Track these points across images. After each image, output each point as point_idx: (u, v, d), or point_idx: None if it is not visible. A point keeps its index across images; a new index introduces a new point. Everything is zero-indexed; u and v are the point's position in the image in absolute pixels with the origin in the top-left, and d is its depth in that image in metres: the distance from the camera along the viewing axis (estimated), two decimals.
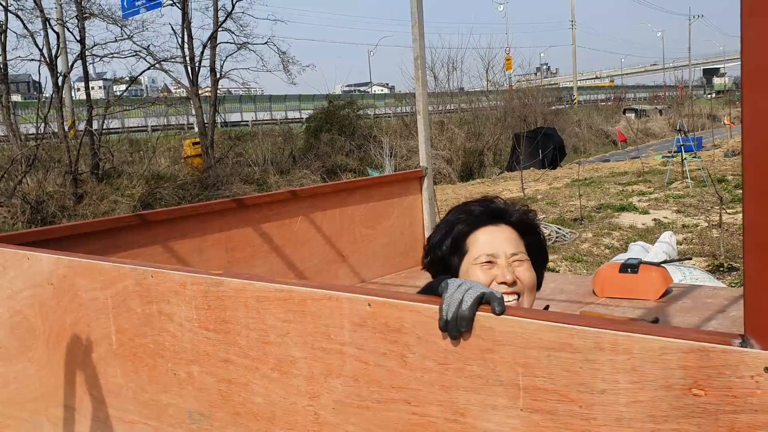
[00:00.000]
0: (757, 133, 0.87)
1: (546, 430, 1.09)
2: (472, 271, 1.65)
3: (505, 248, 1.66)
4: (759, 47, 0.86)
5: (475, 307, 1.17)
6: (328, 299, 1.38)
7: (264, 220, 3.62)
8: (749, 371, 0.90)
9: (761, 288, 0.89)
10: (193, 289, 1.66)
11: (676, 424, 0.97)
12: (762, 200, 0.87)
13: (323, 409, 1.43)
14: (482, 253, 1.66)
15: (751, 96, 0.87)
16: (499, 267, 1.63)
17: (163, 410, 1.83)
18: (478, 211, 1.73)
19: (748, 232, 0.89)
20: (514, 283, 1.61)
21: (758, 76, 0.86)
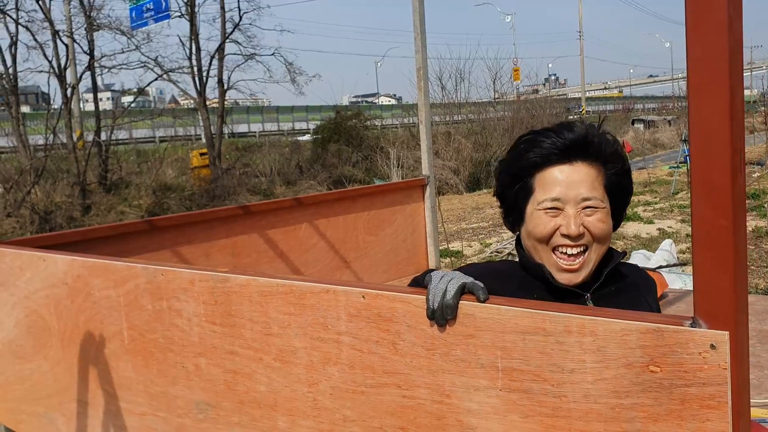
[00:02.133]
0: (701, 136, 0.98)
1: (522, 408, 1.20)
2: (535, 217, 1.46)
3: (577, 192, 1.43)
4: (702, 61, 0.97)
5: (458, 296, 1.25)
6: (326, 292, 1.49)
7: (269, 226, 3.74)
8: (698, 348, 1.00)
9: (708, 275, 0.99)
10: (201, 285, 1.78)
11: (636, 398, 1.07)
12: (707, 195, 0.98)
13: (321, 395, 1.53)
14: (547, 197, 1.45)
15: (695, 103, 0.98)
16: (565, 215, 1.43)
17: (172, 402, 1.94)
18: (548, 144, 1.46)
19: (696, 224, 0.99)
20: (580, 236, 1.42)
21: (702, 88, 0.97)
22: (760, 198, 11.62)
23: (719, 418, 1.00)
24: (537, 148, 1.47)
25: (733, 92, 0.96)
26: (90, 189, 17.44)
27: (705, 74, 0.97)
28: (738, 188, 0.98)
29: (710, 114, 0.97)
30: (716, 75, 0.96)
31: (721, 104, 0.96)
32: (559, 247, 1.45)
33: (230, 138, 26.37)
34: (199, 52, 20.32)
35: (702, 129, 0.97)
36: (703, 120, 0.97)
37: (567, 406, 1.14)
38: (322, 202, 4.06)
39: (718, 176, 0.97)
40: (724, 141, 0.96)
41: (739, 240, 0.99)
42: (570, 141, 1.44)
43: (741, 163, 0.99)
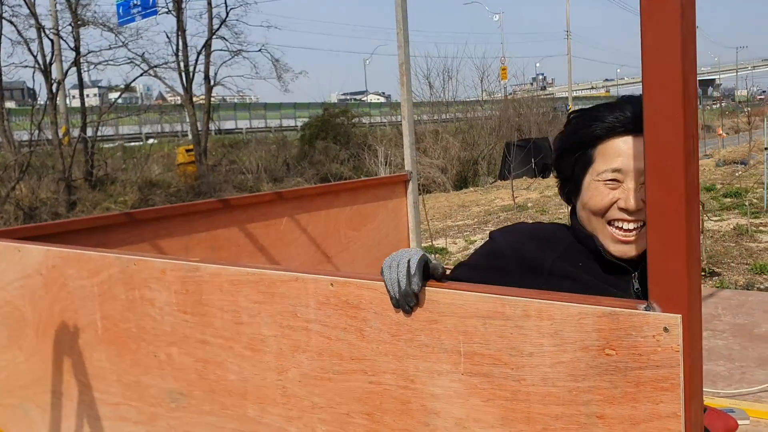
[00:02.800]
0: (655, 122, 0.99)
1: (483, 392, 1.21)
2: (593, 188, 1.41)
3: (639, 164, 1.35)
4: (656, 49, 0.98)
5: (418, 280, 1.24)
6: (295, 281, 1.50)
7: (250, 220, 3.73)
8: (651, 331, 1.02)
9: (661, 259, 1.01)
10: (172, 275, 1.78)
11: (592, 381, 1.09)
12: (660, 181, 1.00)
13: (290, 383, 1.54)
14: (608, 168, 1.39)
15: (649, 91, 0.99)
16: (624, 189, 1.38)
17: (144, 391, 1.94)
18: (609, 120, 1.41)
19: (650, 209, 1.01)
20: (638, 211, 1.36)
21: (655, 75, 0.99)
22: (742, 196, 11.72)
23: (672, 400, 1.02)
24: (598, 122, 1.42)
25: (686, 79, 0.98)
26: (75, 185, 17.35)
27: (658, 61, 0.98)
28: (691, 173, 1.00)
29: (664, 101, 0.98)
30: (669, 62, 0.98)
31: (674, 91, 0.98)
32: (615, 221, 1.40)
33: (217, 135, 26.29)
34: (185, 48, 20.28)
35: (656, 115, 0.99)
36: (657, 106, 0.99)
37: (526, 390, 1.16)
38: (304, 196, 4.06)
39: (671, 162, 0.99)
40: (678, 127, 0.98)
41: (692, 225, 1.01)
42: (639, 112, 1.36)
43: (694, 148, 1.01)
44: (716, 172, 16.94)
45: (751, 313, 3.37)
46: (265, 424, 1.61)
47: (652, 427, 1.04)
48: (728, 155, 19.59)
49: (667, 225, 1.00)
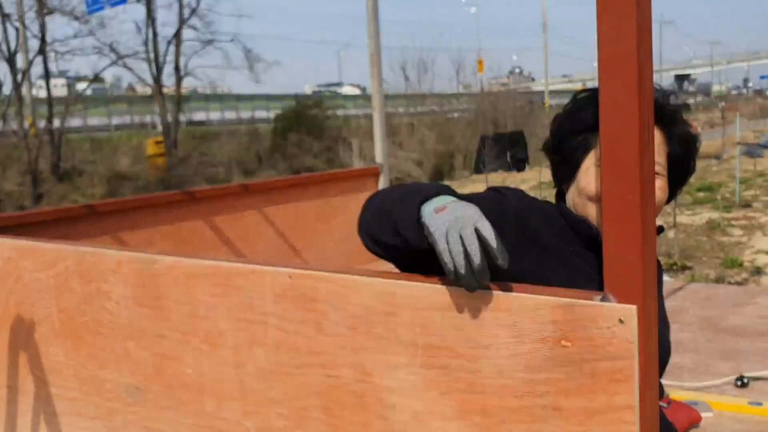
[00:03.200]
0: (610, 112, 0.98)
1: (440, 385, 1.20)
2: (591, 172, 1.38)
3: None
4: (612, 37, 0.97)
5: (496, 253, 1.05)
6: (252, 273, 1.47)
7: (216, 213, 3.68)
8: (606, 322, 1.01)
9: (617, 251, 1.00)
10: (128, 267, 1.74)
11: (548, 373, 1.08)
12: (614, 172, 0.99)
13: (248, 377, 1.51)
14: None
15: (605, 80, 0.98)
16: None
17: (101, 386, 1.90)
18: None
19: (605, 201, 1.00)
20: None
21: (611, 64, 0.98)
22: (715, 191, 11.90)
23: (627, 391, 1.01)
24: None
25: (641, 68, 0.97)
26: (42, 177, 17.04)
27: (614, 50, 0.97)
28: (646, 164, 0.99)
29: (619, 90, 0.97)
30: (625, 51, 0.97)
31: (629, 80, 0.97)
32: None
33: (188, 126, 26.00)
34: (155, 38, 20.01)
35: (611, 105, 0.98)
36: (612, 96, 0.98)
37: (482, 382, 1.15)
38: (272, 189, 4.02)
39: (626, 152, 0.98)
40: (632, 117, 0.97)
41: (647, 215, 1.00)
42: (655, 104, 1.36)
43: (650, 139, 1.00)
44: None
45: (718, 306, 3.41)
46: (223, 419, 1.59)
47: (607, 419, 1.04)
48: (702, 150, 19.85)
49: (621, 216, 0.99)
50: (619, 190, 0.99)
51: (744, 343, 2.89)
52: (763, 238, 8.24)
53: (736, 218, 9.51)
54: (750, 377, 2.43)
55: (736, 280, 6.55)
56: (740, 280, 6.52)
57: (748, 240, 8.17)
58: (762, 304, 3.48)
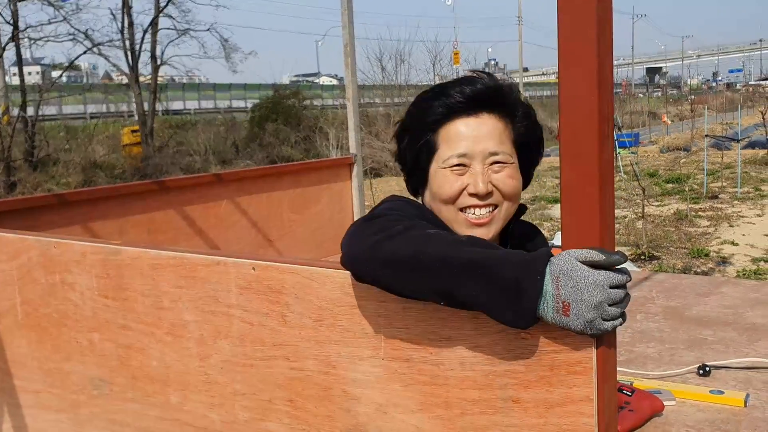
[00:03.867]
0: (570, 104, 0.98)
1: (403, 377, 1.20)
2: (440, 176, 1.35)
3: (484, 147, 1.33)
4: (572, 29, 0.97)
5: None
6: (216, 264, 1.46)
7: (187, 202, 3.65)
8: None
9: (575, 242, 1.00)
10: (92, 258, 1.72)
11: (508, 365, 1.08)
12: (574, 162, 0.99)
13: (212, 369, 1.50)
14: (453, 154, 1.33)
15: (564, 72, 0.98)
16: (472, 173, 1.33)
17: (66, 378, 1.87)
18: (453, 94, 1.35)
19: (564, 192, 1.00)
20: (489, 194, 1.33)
21: (571, 56, 0.98)
22: (683, 182, 12.04)
23: (585, 383, 1.02)
24: (442, 98, 1.36)
25: (601, 60, 0.97)
26: (15, 166, 16.78)
27: (574, 42, 0.97)
28: (605, 156, 0.99)
29: (579, 82, 0.97)
30: (585, 43, 0.96)
31: (589, 72, 0.97)
32: (467, 208, 1.35)
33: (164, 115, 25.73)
34: (131, 26, 19.73)
35: (570, 97, 0.98)
36: (572, 88, 0.98)
37: (444, 374, 1.15)
38: (245, 178, 3.98)
39: (585, 144, 0.98)
40: (592, 109, 0.97)
41: (606, 207, 1.00)
42: (477, 91, 1.35)
43: (609, 131, 1.00)
44: (660, 158, 17.36)
45: (683, 296, 3.45)
46: (187, 412, 1.57)
47: (566, 410, 1.04)
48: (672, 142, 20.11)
49: (580, 208, 0.99)
50: (577, 182, 0.99)
51: (708, 332, 2.93)
52: (729, 229, 8.37)
53: (703, 209, 9.65)
54: (712, 366, 2.46)
55: (703, 269, 6.64)
56: (706, 270, 6.61)
57: (715, 231, 8.29)
58: (727, 293, 3.52)
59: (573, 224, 1.00)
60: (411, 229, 1.09)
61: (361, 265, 1.12)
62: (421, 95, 1.44)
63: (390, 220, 1.13)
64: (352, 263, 1.15)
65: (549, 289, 0.96)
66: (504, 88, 1.39)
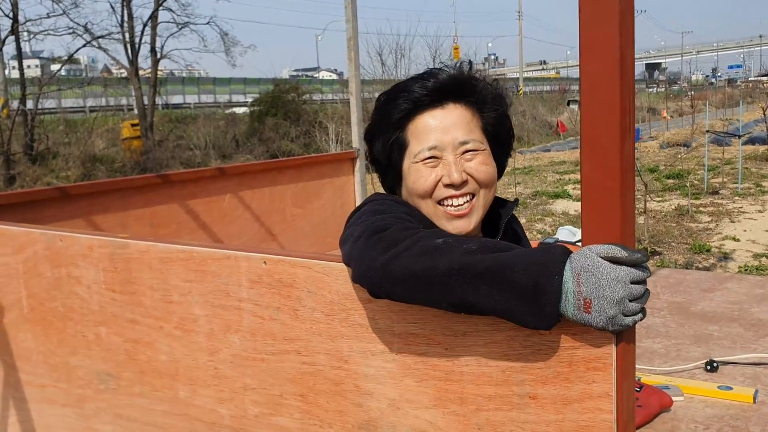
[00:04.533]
0: (591, 96, 0.97)
1: (416, 372, 1.19)
2: (413, 171, 1.34)
3: (453, 137, 1.32)
4: (593, 20, 0.96)
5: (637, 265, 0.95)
6: (227, 258, 1.44)
7: (190, 196, 3.63)
8: None
9: (595, 237, 0.99)
10: (100, 252, 1.70)
11: (525, 361, 1.07)
12: (595, 156, 0.97)
13: (222, 364, 1.49)
14: (423, 147, 1.33)
15: (585, 63, 0.97)
16: (445, 164, 1.32)
17: (72, 372, 1.86)
18: (416, 89, 1.35)
19: (584, 186, 0.99)
20: (464, 183, 1.32)
21: (592, 47, 0.96)
22: (683, 178, 12.03)
23: (604, 380, 1.01)
24: (405, 94, 1.36)
25: (623, 52, 0.96)
26: (15, 159, 16.74)
27: (595, 33, 0.96)
28: (627, 150, 0.98)
29: (600, 74, 0.96)
30: (607, 34, 0.95)
31: (610, 64, 0.95)
32: (444, 200, 1.33)
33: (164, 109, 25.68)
34: (131, 19, 19.65)
35: (591, 89, 0.97)
36: (593, 80, 0.96)
37: (459, 370, 1.14)
38: (247, 172, 3.97)
39: (606, 137, 0.96)
40: (613, 101, 0.96)
41: (627, 202, 0.99)
42: (440, 82, 1.34)
43: (630, 124, 0.99)
44: (660, 153, 17.34)
45: (688, 291, 3.44)
46: (197, 406, 1.56)
47: (584, 407, 1.03)
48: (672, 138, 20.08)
49: (601, 202, 0.98)
50: (598, 177, 0.98)
51: (714, 328, 2.92)
52: (730, 224, 8.36)
53: (704, 205, 9.64)
54: (720, 362, 2.45)
55: (704, 265, 6.64)
56: (708, 266, 6.60)
57: (716, 226, 8.28)
58: (731, 289, 3.51)
59: (593, 219, 0.99)
60: (418, 241, 1.07)
61: (374, 285, 1.11)
62: (384, 94, 1.43)
63: (396, 233, 1.10)
64: (364, 283, 1.13)
65: (570, 287, 0.95)
66: (469, 76, 1.37)
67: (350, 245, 1.15)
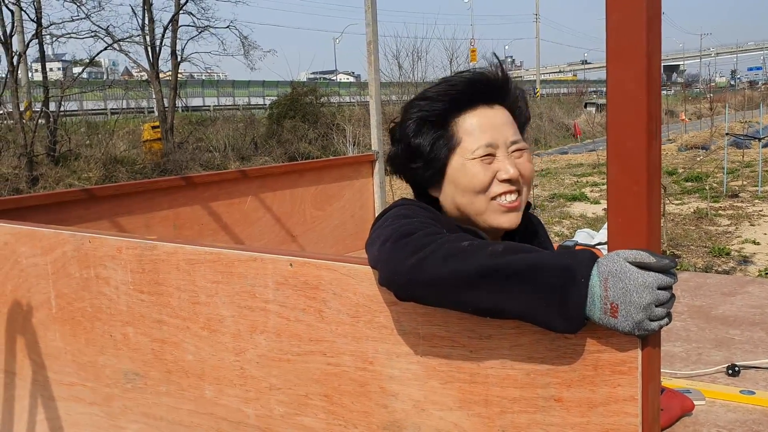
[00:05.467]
0: (618, 102, 0.98)
1: (441, 374, 1.20)
2: (469, 168, 1.35)
3: (506, 135, 1.37)
4: (621, 26, 0.97)
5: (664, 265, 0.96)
6: (254, 260, 1.46)
7: (213, 198, 3.67)
8: None
9: (622, 242, 1.00)
10: (128, 253, 1.73)
11: (550, 364, 1.08)
12: (622, 161, 0.98)
13: (248, 364, 1.51)
14: (481, 144, 1.35)
15: (613, 69, 0.98)
16: (499, 160, 1.36)
17: (100, 371, 1.89)
18: (464, 87, 1.38)
19: (610, 190, 1.00)
20: (517, 179, 1.36)
21: (620, 53, 0.97)
22: (702, 181, 11.93)
23: (629, 383, 1.02)
24: (452, 93, 1.38)
25: (650, 58, 0.96)
26: (38, 161, 16.96)
27: (623, 39, 0.97)
28: (653, 155, 0.99)
29: (627, 80, 0.97)
30: (634, 40, 0.96)
31: (638, 70, 0.96)
32: (498, 196, 1.36)
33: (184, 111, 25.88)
34: (152, 23, 19.84)
35: (618, 95, 0.97)
36: (620, 86, 0.97)
37: (484, 372, 1.15)
38: (268, 175, 4.00)
39: (632, 142, 0.97)
40: (640, 106, 0.96)
41: (653, 206, 1.00)
42: (488, 83, 1.39)
43: (657, 129, 1.00)
44: (678, 156, 17.20)
45: (709, 295, 3.42)
46: (223, 406, 1.59)
47: (609, 410, 1.04)
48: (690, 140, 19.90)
49: (627, 207, 0.99)
50: (625, 181, 0.99)
51: (735, 332, 2.90)
52: (749, 227, 8.28)
53: (723, 208, 9.55)
54: (741, 366, 2.44)
55: (724, 269, 6.58)
56: (728, 269, 6.54)
57: (735, 229, 8.20)
58: (752, 293, 3.49)
59: (620, 224, 0.99)
60: (444, 244, 1.08)
61: (401, 289, 1.13)
62: (430, 90, 1.43)
63: (422, 237, 1.12)
64: (391, 287, 1.15)
65: (597, 291, 0.96)
66: (508, 78, 1.43)
67: (377, 249, 1.17)
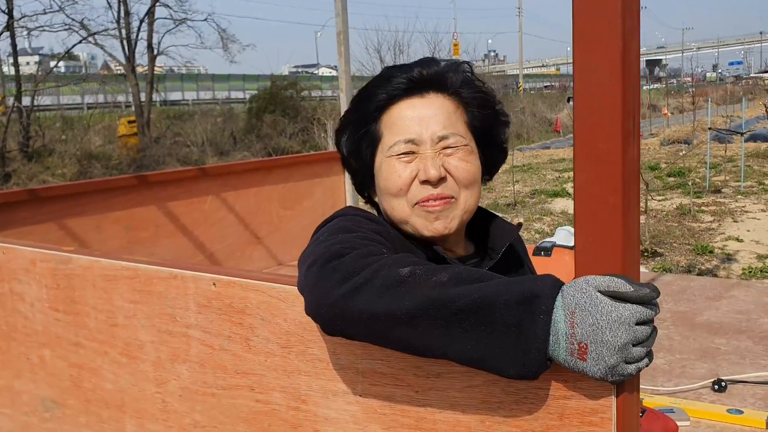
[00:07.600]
0: (587, 95, 0.79)
1: (383, 418, 1.01)
2: (386, 167, 1.17)
3: (432, 129, 1.15)
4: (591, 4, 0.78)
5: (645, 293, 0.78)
6: (174, 278, 1.27)
7: (170, 198, 3.46)
8: None
9: (592, 263, 0.82)
10: (42, 266, 1.53)
11: (508, 410, 0.90)
12: (592, 166, 0.80)
13: (170, 396, 1.32)
14: (398, 139, 1.16)
15: (581, 54, 0.79)
16: (422, 159, 1.15)
17: (16, 397, 1.69)
18: (395, 79, 1.18)
19: (579, 201, 0.82)
20: (442, 180, 1.14)
21: (590, 36, 0.78)
22: (685, 176, 11.85)
23: None
24: (381, 83, 1.19)
25: (626, 42, 0.78)
26: (10, 156, 16.58)
27: (594, 17, 0.78)
28: (630, 158, 0.80)
29: (599, 67, 0.78)
30: (608, 18, 0.77)
31: (612, 55, 0.78)
32: (420, 203, 1.15)
33: (162, 106, 25.50)
34: (128, 16, 19.48)
35: (588, 86, 0.79)
36: (590, 74, 0.79)
37: (432, 417, 0.96)
38: (231, 173, 3.80)
39: (605, 144, 0.79)
40: (615, 100, 0.78)
41: (630, 221, 0.81)
42: (424, 74, 1.18)
43: (635, 128, 0.82)
44: (661, 151, 17.14)
45: (692, 299, 3.27)
46: None
47: None
48: (673, 135, 19.87)
49: (599, 222, 0.80)
50: (596, 190, 0.80)
51: (721, 341, 2.74)
52: (733, 224, 8.16)
53: (706, 204, 9.44)
54: (728, 380, 2.28)
55: (707, 267, 6.45)
56: (711, 267, 6.42)
57: (719, 226, 8.08)
58: (738, 297, 3.34)
59: (590, 243, 0.81)
60: (379, 271, 0.88)
61: (327, 324, 0.93)
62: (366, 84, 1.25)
63: (355, 260, 0.91)
64: (316, 320, 0.95)
65: (561, 327, 0.78)
66: (456, 65, 1.21)
67: (304, 272, 0.97)
